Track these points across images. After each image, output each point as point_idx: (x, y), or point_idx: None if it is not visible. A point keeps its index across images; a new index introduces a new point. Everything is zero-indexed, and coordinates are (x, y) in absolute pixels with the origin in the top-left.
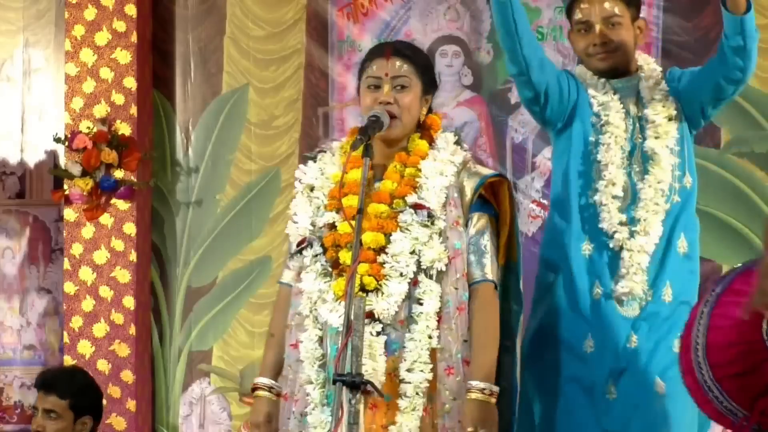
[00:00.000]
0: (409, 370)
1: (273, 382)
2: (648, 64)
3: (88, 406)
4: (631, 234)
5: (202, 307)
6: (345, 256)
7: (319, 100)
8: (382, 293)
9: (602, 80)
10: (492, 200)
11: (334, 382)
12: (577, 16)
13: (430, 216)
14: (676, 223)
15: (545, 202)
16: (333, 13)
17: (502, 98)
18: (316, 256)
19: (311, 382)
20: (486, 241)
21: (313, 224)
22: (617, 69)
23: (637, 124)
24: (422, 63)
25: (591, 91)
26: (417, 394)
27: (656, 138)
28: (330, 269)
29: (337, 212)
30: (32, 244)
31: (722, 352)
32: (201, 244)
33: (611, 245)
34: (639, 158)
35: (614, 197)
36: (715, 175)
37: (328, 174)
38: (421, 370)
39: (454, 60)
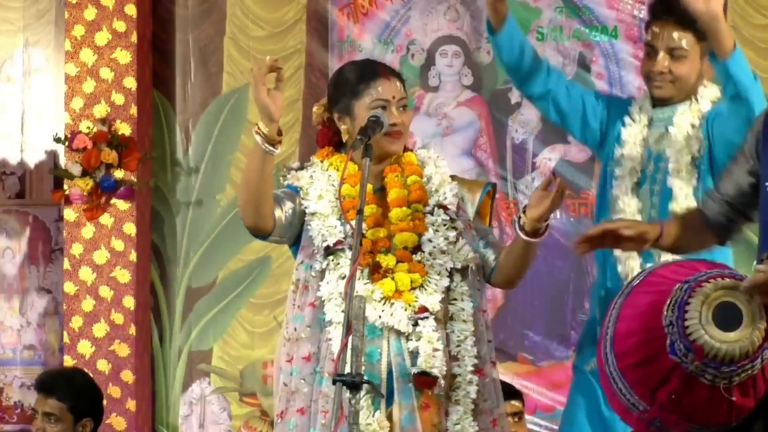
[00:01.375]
0: (465, 366)
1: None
2: (705, 98)
3: (88, 408)
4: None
5: (202, 307)
6: (385, 260)
7: (319, 100)
8: (426, 289)
9: (647, 107)
10: None
11: (334, 382)
12: (647, 36)
13: (456, 217)
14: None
15: None
16: (333, 13)
17: (502, 98)
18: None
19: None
20: (494, 236)
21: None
22: (672, 100)
23: (653, 157)
24: (404, 82)
25: (627, 120)
26: (470, 383)
27: (678, 178)
28: (364, 276)
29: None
30: (32, 244)
31: (626, 340)
32: (201, 244)
33: (620, 272)
34: (657, 193)
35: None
36: None
37: (329, 188)
38: (472, 365)
39: (454, 60)
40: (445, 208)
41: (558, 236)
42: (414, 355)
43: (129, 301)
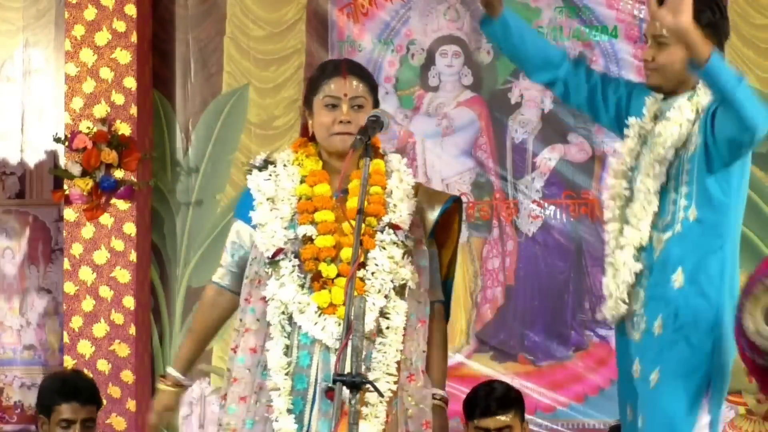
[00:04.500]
0: (375, 380)
1: (183, 378)
2: (703, 88)
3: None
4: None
5: None
6: (327, 270)
7: None
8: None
9: (657, 97)
10: None
11: (334, 381)
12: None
13: (406, 237)
14: (670, 254)
15: (545, 202)
16: (333, 13)
17: (502, 98)
18: (294, 267)
19: (277, 389)
20: (437, 263)
21: (285, 236)
22: (662, 89)
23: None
24: (373, 82)
25: (643, 110)
26: (380, 403)
27: (650, 164)
28: (307, 281)
29: (311, 224)
30: (32, 244)
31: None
32: (201, 244)
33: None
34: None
35: (612, 220)
36: None
37: (286, 187)
38: (387, 381)
39: (454, 60)
40: (396, 227)
41: (558, 236)
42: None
43: (129, 301)
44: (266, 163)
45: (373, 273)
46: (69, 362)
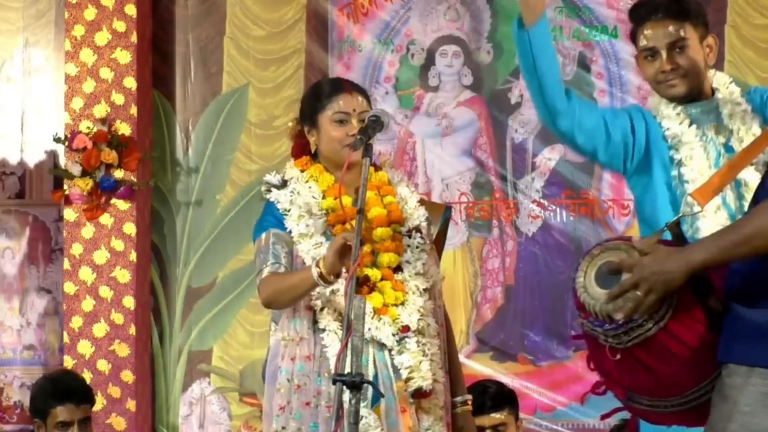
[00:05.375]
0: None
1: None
2: (724, 85)
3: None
4: None
5: (202, 307)
6: (373, 274)
7: None
8: (407, 308)
9: (677, 108)
10: None
11: (334, 382)
12: (642, 42)
13: (424, 241)
14: None
15: (545, 202)
16: (333, 13)
17: (502, 98)
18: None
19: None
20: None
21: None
22: (690, 94)
23: (722, 151)
24: (369, 98)
25: (665, 123)
26: (439, 396)
27: (751, 168)
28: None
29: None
30: (32, 244)
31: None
32: (201, 244)
33: None
34: (733, 187)
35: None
36: None
37: (310, 201)
38: (443, 376)
39: (454, 60)
40: (420, 231)
41: (558, 236)
42: (397, 367)
43: (129, 301)
44: (284, 182)
45: (410, 275)
46: (69, 362)
